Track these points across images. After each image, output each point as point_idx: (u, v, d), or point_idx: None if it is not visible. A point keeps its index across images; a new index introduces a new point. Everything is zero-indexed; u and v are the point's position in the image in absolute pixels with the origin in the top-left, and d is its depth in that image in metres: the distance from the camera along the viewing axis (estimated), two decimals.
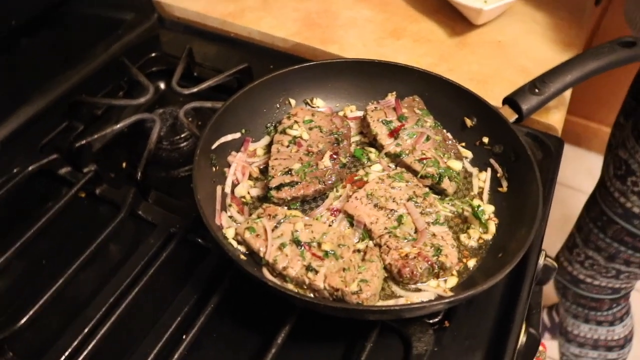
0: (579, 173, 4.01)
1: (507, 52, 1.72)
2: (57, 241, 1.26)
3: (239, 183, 1.25)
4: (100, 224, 1.24)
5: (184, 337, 1.03)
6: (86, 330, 1.06)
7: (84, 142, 1.36)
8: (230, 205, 1.21)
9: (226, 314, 1.10)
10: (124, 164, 1.45)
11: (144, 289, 1.13)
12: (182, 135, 1.48)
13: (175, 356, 1.02)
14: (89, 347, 1.04)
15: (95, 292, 1.12)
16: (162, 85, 1.68)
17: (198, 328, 1.05)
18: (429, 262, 1.05)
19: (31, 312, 1.07)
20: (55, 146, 1.44)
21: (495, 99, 1.50)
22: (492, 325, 1.10)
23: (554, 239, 3.56)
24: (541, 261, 1.28)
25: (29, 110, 1.50)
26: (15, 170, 1.34)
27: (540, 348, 1.45)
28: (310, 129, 1.30)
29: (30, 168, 1.34)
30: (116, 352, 1.06)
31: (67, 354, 1.03)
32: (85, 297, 1.13)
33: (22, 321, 1.06)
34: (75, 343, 1.04)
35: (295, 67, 1.37)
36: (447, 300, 0.94)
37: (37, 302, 1.09)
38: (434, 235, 1.10)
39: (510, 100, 1.31)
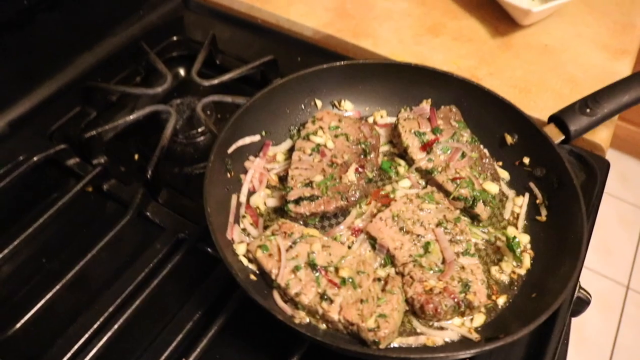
0: (613, 176, 3.84)
1: (554, 57, 1.59)
2: (59, 238, 1.19)
3: (255, 191, 1.16)
4: (107, 221, 1.18)
5: None
6: (80, 342, 1.00)
7: (94, 132, 1.29)
8: (244, 217, 1.12)
9: (232, 335, 1.02)
10: (136, 156, 1.37)
11: (146, 299, 1.06)
12: (199, 130, 1.39)
13: None
14: None
15: (94, 299, 1.06)
16: (182, 72, 1.60)
17: (200, 351, 0.98)
18: (455, 300, 0.96)
19: (25, 319, 1.01)
20: (66, 133, 1.37)
21: (538, 111, 1.39)
22: None
23: (591, 260, 3.43)
24: (576, 293, 1.18)
25: (41, 93, 1.43)
26: (21, 158, 1.27)
27: None
28: (336, 136, 1.20)
29: (35, 158, 1.26)
30: None
31: None
32: (84, 303, 1.06)
33: (15, 328, 1.01)
34: (67, 357, 0.97)
35: (325, 66, 1.26)
36: (471, 352, 0.84)
37: (32, 307, 1.03)
38: (462, 268, 1.00)
39: (557, 119, 1.19)
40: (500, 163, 1.23)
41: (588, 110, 1.17)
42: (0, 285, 1.12)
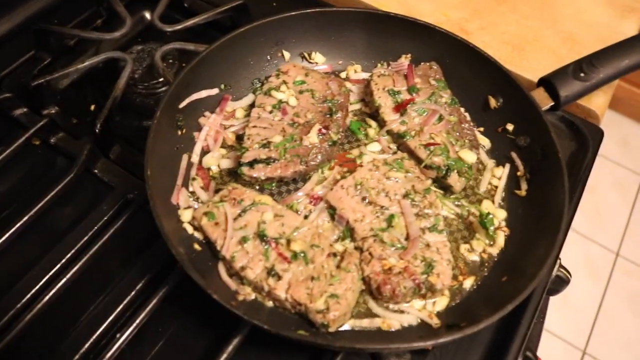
0: (612, 140, 3.70)
1: (554, 12, 1.45)
2: (1, 195, 1.10)
3: (209, 151, 1.06)
4: (53, 177, 1.08)
5: (117, 335, 0.88)
6: (17, 307, 0.92)
7: (41, 80, 1.17)
8: (194, 179, 1.02)
9: (175, 308, 0.95)
10: (92, 107, 1.26)
11: (86, 266, 0.98)
12: (160, 80, 1.28)
13: (113, 349, 0.88)
14: (13, 333, 0.90)
15: (32, 264, 0.97)
16: (147, 15, 1.46)
17: (138, 323, 0.90)
18: (416, 282, 0.87)
19: None
20: (16, 80, 1.26)
21: (531, 71, 1.28)
22: (482, 354, 0.93)
23: (581, 224, 3.33)
24: (554, 272, 1.09)
25: None
26: None
27: None
28: (301, 92, 1.09)
29: None
30: (47, 336, 0.92)
31: None
32: (20, 268, 0.97)
33: None
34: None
35: (293, 13, 1.14)
36: (427, 344, 0.76)
37: None
38: (427, 245, 0.91)
39: (547, 83, 1.08)
40: (482, 129, 1.12)
41: (582, 74, 1.05)
42: None
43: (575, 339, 2.86)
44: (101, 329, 0.91)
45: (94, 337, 0.90)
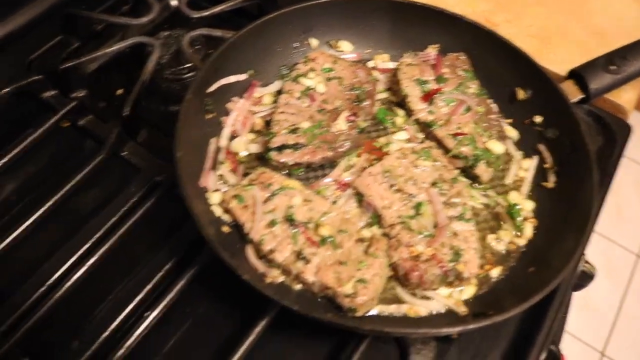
0: (637, 141, 3.64)
1: (582, 5, 1.44)
2: (30, 176, 1.11)
3: (237, 135, 1.07)
4: (81, 159, 1.10)
5: (145, 314, 0.89)
6: (46, 286, 0.94)
7: (71, 64, 1.19)
8: (222, 163, 1.03)
9: (203, 288, 0.95)
10: (119, 91, 1.27)
11: (114, 247, 0.99)
12: (187, 65, 1.29)
13: (140, 329, 0.89)
14: (42, 310, 0.91)
15: (60, 244, 0.99)
16: (174, 2, 1.46)
17: (167, 304, 0.91)
18: (444, 269, 0.87)
19: None
20: (46, 63, 1.27)
21: (558, 64, 1.27)
22: (507, 345, 0.93)
23: (602, 225, 3.29)
24: (580, 267, 1.09)
25: (19, 19, 1.31)
26: None
27: None
28: (329, 79, 1.09)
29: (8, 89, 1.16)
30: (75, 315, 0.93)
31: (15, 315, 0.90)
32: (48, 249, 0.99)
33: None
34: (26, 305, 0.91)
35: (322, 1, 1.14)
36: (454, 330, 0.76)
37: None
38: (455, 234, 0.91)
39: (577, 75, 1.07)
40: (510, 120, 1.12)
41: (613, 67, 1.05)
42: None
43: (594, 340, 2.82)
44: (129, 309, 0.92)
45: (122, 316, 0.91)
